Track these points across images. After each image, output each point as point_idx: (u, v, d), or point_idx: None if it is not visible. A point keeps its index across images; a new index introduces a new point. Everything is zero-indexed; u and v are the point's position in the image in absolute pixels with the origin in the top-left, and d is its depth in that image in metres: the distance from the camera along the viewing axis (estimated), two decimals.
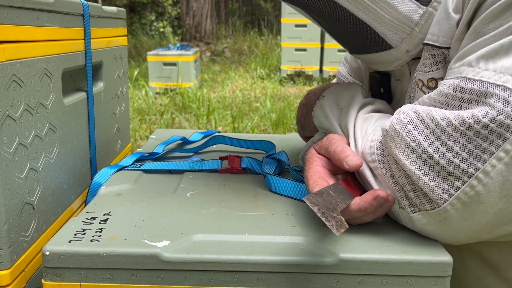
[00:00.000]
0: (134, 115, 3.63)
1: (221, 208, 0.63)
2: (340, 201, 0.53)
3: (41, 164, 0.68)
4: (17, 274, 0.62)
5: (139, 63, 6.61)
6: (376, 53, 0.69)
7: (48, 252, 0.50)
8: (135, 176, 0.75)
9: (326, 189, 0.54)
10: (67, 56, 0.77)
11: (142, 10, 12.19)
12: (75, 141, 0.81)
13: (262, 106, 3.98)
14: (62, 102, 0.75)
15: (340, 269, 0.50)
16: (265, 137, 1.06)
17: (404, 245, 0.53)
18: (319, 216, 0.48)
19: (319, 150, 0.66)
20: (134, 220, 0.58)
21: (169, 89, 4.77)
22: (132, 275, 0.50)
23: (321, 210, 0.49)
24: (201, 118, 3.55)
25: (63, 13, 0.75)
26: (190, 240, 0.53)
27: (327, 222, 0.48)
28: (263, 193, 0.69)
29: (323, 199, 0.51)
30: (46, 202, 0.70)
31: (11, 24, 0.59)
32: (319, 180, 0.59)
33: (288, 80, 5.65)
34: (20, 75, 0.61)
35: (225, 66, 6.80)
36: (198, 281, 0.51)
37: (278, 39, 7.55)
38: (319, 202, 0.50)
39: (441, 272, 0.51)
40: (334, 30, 0.71)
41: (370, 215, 0.56)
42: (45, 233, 0.70)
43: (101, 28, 0.94)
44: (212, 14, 8.45)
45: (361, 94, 0.70)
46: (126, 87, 1.15)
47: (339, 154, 0.60)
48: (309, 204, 0.49)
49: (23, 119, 0.62)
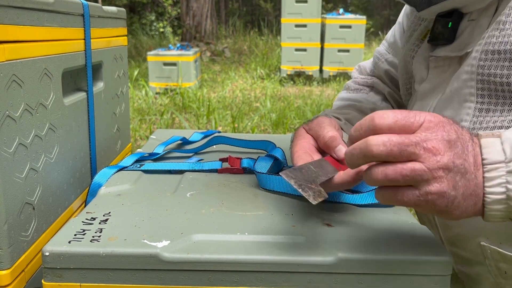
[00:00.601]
0: (134, 115, 3.63)
1: (221, 208, 0.63)
2: (322, 174, 0.52)
3: (41, 164, 0.68)
4: (17, 274, 0.62)
5: (139, 63, 6.61)
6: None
7: (48, 252, 0.50)
8: (135, 176, 0.75)
9: (307, 165, 0.52)
10: (67, 56, 0.77)
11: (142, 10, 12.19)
12: (75, 141, 0.81)
13: (262, 106, 3.98)
14: (62, 102, 0.75)
15: (340, 268, 0.50)
16: (265, 137, 1.06)
17: (404, 244, 0.53)
18: (296, 188, 0.46)
19: (308, 130, 0.64)
20: (134, 220, 0.58)
21: (169, 89, 4.77)
22: (132, 275, 0.50)
23: (298, 182, 0.47)
24: (201, 118, 3.55)
25: (63, 13, 0.75)
26: (190, 240, 0.53)
27: (304, 193, 0.46)
28: (263, 193, 0.69)
29: (302, 174, 0.49)
30: (46, 202, 0.70)
31: (11, 24, 0.59)
32: (304, 155, 0.57)
33: (288, 80, 5.65)
34: (20, 75, 0.61)
35: (225, 66, 6.80)
36: (198, 281, 0.51)
37: (278, 39, 7.55)
38: (297, 176, 0.48)
39: (441, 271, 0.51)
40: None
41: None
42: (45, 233, 0.70)
43: (101, 28, 0.94)
44: (212, 14, 8.46)
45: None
46: (126, 87, 1.15)
47: (329, 143, 0.59)
48: (286, 178, 0.47)
49: (23, 119, 0.62)
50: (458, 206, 0.46)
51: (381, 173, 0.45)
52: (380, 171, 0.45)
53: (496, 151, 0.47)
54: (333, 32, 5.61)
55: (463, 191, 0.46)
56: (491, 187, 0.46)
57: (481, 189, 0.47)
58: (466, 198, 0.46)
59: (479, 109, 0.62)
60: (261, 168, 0.74)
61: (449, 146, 0.45)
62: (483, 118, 0.61)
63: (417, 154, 0.44)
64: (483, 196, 0.47)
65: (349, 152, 0.47)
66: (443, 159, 0.44)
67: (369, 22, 10.86)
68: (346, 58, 5.58)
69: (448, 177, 0.45)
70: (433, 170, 0.44)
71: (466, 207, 0.47)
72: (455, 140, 0.46)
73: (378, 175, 0.46)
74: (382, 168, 0.45)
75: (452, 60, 0.69)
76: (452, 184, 0.45)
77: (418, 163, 0.44)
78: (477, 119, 0.62)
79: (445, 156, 0.45)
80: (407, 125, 0.46)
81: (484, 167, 0.47)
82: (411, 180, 0.45)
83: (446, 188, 0.45)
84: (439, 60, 0.70)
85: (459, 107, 0.64)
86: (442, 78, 0.70)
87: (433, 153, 0.44)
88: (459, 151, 0.46)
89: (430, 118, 0.46)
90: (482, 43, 0.62)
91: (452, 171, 0.45)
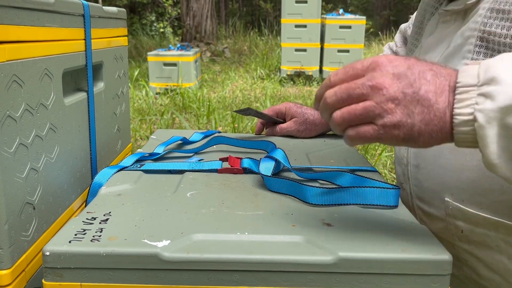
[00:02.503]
0: (135, 115, 3.63)
1: (221, 208, 0.63)
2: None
3: (42, 164, 0.68)
4: (18, 273, 0.62)
5: (140, 63, 6.61)
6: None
7: (49, 252, 0.50)
8: (136, 176, 0.75)
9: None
10: (67, 56, 0.77)
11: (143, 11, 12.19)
12: (75, 141, 0.82)
13: (262, 106, 3.98)
14: (62, 102, 0.76)
15: (340, 268, 0.51)
16: (265, 137, 1.06)
17: (403, 243, 0.53)
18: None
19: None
20: (134, 220, 0.58)
21: (169, 89, 4.78)
22: (132, 275, 0.50)
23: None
24: (201, 118, 3.55)
25: (63, 13, 0.75)
26: (190, 239, 0.53)
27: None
28: (263, 193, 0.69)
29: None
30: (47, 202, 0.71)
31: (12, 24, 0.59)
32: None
33: (288, 80, 5.65)
34: (21, 75, 0.61)
35: (225, 66, 6.80)
36: (198, 280, 0.51)
37: (278, 39, 7.56)
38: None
39: (441, 271, 0.51)
40: None
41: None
42: (45, 232, 0.70)
43: (101, 29, 0.94)
44: (212, 14, 8.46)
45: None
46: (126, 87, 1.15)
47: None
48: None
49: (23, 119, 0.63)
50: (420, 132, 0.48)
51: (340, 117, 0.50)
52: (338, 116, 0.50)
53: (470, 75, 0.47)
54: (333, 32, 5.62)
55: (421, 118, 0.47)
56: (459, 108, 0.47)
57: (446, 113, 0.47)
58: (427, 123, 0.48)
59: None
60: (266, 170, 0.74)
61: (396, 78, 0.48)
62: None
63: (365, 94, 0.48)
64: (451, 118, 0.47)
65: (318, 110, 0.53)
66: (389, 92, 0.47)
67: (369, 23, 10.86)
68: (346, 58, 5.58)
69: (399, 107, 0.47)
70: (382, 103, 0.47)
71: (430, 133, 0.48)
72: (403, 72, 0.48)
73: (337, 119, 0.50)
74: (338, 112, 0.50)
75: (458, 15, 0.70)
76: (406, 112, 0.47)
77: (368, 101, 0.48)
78: None
79: (391, 89, 0.48)
80: (355, 73, 0.50)
81: (456, 90, 0.48)
82: (366, 117, 0.48)
83: (400, 117, 0.47)
84: (447, 14, 0.72)
85: (457, 63, 0.65)
86: (446, 33, 0.71)
87: (378, 88, 0.48)
88: (410, 81, 0.48)
89: (376, 59, 0.50)
90: (490, 0, 0.62)
91: (404, 100, 0.47)
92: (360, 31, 5.66)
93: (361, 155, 0.93)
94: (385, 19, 14.19)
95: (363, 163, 0.85)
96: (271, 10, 12.43)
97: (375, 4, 15.26)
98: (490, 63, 0.47)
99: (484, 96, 0.45)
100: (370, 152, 2.79)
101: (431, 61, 0.51)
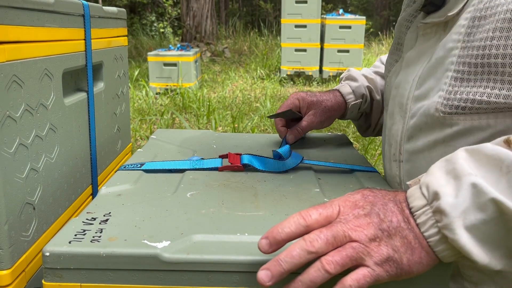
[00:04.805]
0: (135, 115, 3.63)
1: (221, 208, 0.63)
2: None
3: (42, 164, 0.68)
4: (18, 274, 0.62)
5: (140, 63, 6.61)
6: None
7: (49, 252, 0.50)
8: (135, 176, 0.75)
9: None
10: (67, 56, 0.77)
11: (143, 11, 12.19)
12: (75, 141, 0.82)
13: (262, 106, 3.98)
14: (62, 102, 0.76)
15: None
16: (265, 137, 1.06)
17: None
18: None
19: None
20: (134, 221, 0.58)
21: (170, 89, 4.77)
22: (132, 275, 0.50)
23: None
24: (201, 118, 3.55)
25: (63, 14, 0.75)
26: (190, 240, 0.53)
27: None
28: (263, 193, 0.69)
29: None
30: (47, 202, 0.70)
31: (12, 25, 0.59)
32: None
33: (288, 80, 5.65)
34: (21, 75, 0.61)
35: (225, 66, 6.80)
36: (198, 281, 0.51)
37: (278, 39, 7.56)
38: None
39: (441, 271, 0.51)
40: None
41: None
42: (45, 233, 0.70)
43: (101, 29, 0.94)
44: (212, 14, 8.46)
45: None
46: (126, 87, 1.15)
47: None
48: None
49: (23, 119, 0.63)
50: (410, 263, 0.47)
51: (332, 263, 0.46)
52: (329, 262, 0.46)
53: (418, 197, 0.49)
54: (333, 32, 5.61)
55: (404, 249, 0.47)
56: (426, 231, 0.48)
57: (422, 237, 0.48)
58: (412, 252, 0.47)
59: (454, 78, 0.61)
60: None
61: (368, 218, 0.48)
62: (458, 88, 0.60)
63: (348, 236, 0.47)
64: (427, 243, 0.48)
65: (289, 253, 0.47)
66: (370, 231, 0.47)
67: (369, 23, 10.87)
68: (346, 59, 5.58)
69: (382, 243, 0.47)
70: (367, 243, 0.47)
71: (420, 260, 0.47)
72: (369, 212, 0.48)
73: (330, 267, 0.46)
74: (329, 259, 0.46)
75: (438, 27, 0.68)
76: (390, 247, 0.47)
77: (353, 242, 0.47)
78: (452, 88, 0.61)
79: (369, 228, 0.47)
80: (329, 214, 0.49)
81: (414, 215, 0.49)
82: (357, 258, 0.46)
83: (387, 252, 0.46)
84: (427, 27, 0.70)
85: (441, 76, 0.64)
86: (428, 45, 0.70)
87: (360, 230, 0.47)
88: (380, 218, 0.48)
89: (342, 204, 0.50)
90: (472, 10, 0.61)
91: (384, 237, 0.47)
92: (360, 31, 5.66)
93: (361, 155, 0.93)
94: (385, 19, 14.19)
95: (363, 163, 0.85)
96: (271, 10, 12.43)
97: (375, 4, 15.26)
98: (427, 180, 0.49)
99: (439, 212, 0.47)
100: (370, 152, 2.79)
101: (379, 189, 0.52)
